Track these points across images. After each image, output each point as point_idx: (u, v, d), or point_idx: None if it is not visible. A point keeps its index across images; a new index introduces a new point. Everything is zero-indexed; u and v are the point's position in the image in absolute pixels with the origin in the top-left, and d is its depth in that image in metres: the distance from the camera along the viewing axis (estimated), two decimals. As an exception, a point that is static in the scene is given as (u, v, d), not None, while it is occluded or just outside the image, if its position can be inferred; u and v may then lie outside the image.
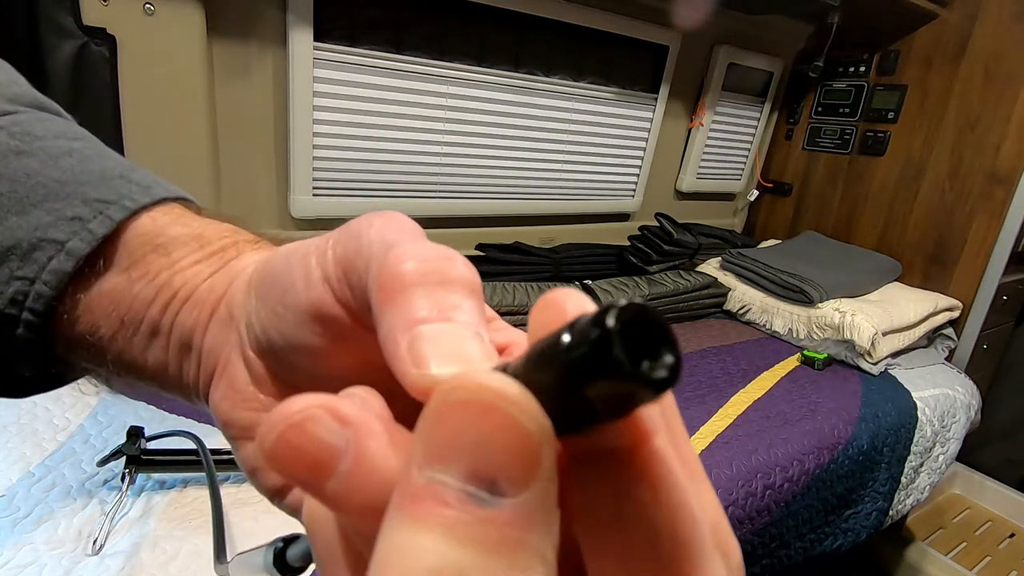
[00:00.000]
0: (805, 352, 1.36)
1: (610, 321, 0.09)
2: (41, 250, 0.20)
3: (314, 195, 1.20)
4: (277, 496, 0.20)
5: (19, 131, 0.22)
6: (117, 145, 0.92)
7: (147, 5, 0.88)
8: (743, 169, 1.93)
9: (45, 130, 0.23)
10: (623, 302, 0.10)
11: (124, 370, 0.22)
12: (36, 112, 0.24)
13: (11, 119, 0.22)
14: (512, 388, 0.10)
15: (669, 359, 0.09)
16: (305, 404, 0.12)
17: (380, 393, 0.13)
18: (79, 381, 0.24)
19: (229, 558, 0.56)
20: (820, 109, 1.83)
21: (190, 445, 0.69)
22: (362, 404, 0.12)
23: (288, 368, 0.19)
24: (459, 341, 0.13)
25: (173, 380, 0.22)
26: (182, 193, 0.24)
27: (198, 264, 0.21)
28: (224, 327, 0.20)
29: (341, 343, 0.17)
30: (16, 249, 0.20)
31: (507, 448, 0.10)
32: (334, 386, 0.17)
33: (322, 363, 0.18)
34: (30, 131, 0.22)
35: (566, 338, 0.10)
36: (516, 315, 1.24)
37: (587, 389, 0.10)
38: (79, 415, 0.82)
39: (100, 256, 0.21)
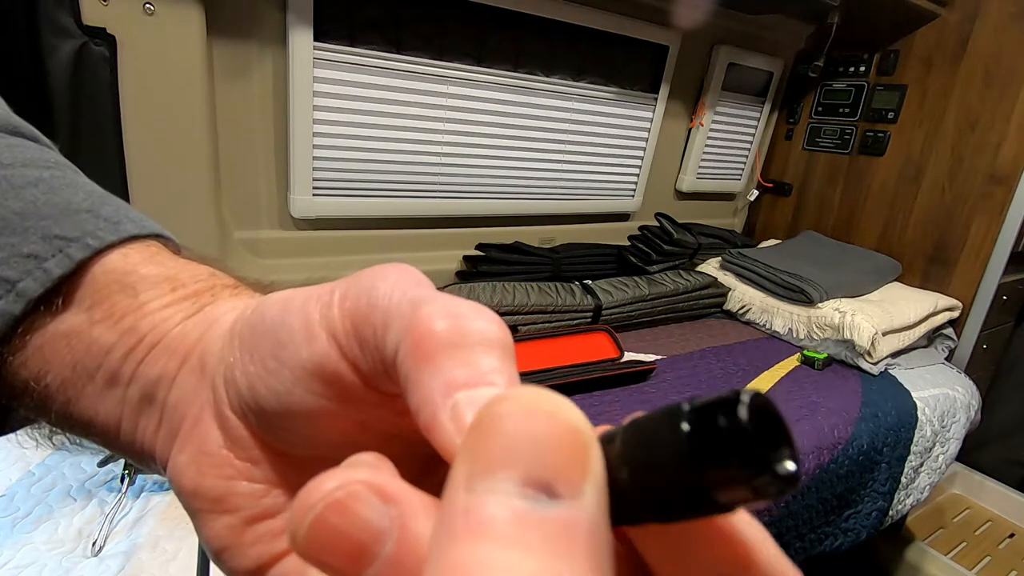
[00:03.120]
0: (805, 352, 1.36)
1: (743, 412, 0.09)
2: None
3: (314, 195, 1.20)
4: None
5: None
6: (117, 146, 0.92)
7: (147, 5, 0.88)
8: (743, 169, 1.93)
9: (13, 157, 0.21)
10: (748, 392, 0.09)
11: (69, 424, 0.20)
12: (8, 137, 0.22)
13: None
14: (553, 392, 0.10)
15: (789, 455, 0.09)
16: (344, 480, 0.11)
17: None
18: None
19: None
20: (820, 109, 1.83)
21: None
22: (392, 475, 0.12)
23: (273, 430, 0.17)
24: None
25: (125, 438, 0.19)
26: (159, 229, 0.22)
27: (169, 308, 0.19)
28: (196, 380, 0.18)
29: (340, 404, 0.16)
30: None
31: (561, 448, 0.10)
32: (323, 450, 0.16)
33: (314, 425, 0.16)
34: None
35: (684, 424, 0.09)
36: (516, 315, 1.24)
37: (706, 475, 0.09)
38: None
39: (58, 295, 0.19)
